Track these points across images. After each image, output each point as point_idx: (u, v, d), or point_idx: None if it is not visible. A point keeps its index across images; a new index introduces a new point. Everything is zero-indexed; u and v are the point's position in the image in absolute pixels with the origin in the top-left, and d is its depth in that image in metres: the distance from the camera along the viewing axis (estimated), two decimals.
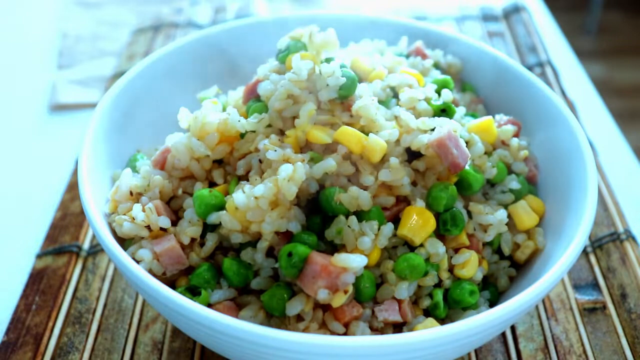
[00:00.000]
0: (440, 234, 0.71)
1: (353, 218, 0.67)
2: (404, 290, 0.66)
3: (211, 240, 0.69)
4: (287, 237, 0.68)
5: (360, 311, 0.65)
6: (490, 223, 0.72)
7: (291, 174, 0.65)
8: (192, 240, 0.70)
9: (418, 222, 0.68)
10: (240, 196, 0.65)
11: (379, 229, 0.67)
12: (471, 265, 0.70)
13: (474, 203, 0.74)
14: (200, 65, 0.94)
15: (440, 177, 0.72)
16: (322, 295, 0.61)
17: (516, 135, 0.82)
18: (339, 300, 0.62)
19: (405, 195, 0.70)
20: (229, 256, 0.69)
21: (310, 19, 0.97)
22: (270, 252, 0.68)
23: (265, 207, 0.65)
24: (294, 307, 0.64)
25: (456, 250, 0.72)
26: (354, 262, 0.61)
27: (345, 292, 0.62)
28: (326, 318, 0.64)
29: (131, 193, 0.72)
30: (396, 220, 0.70)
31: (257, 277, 0.68)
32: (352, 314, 0.64)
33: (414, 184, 0.72)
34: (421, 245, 0.69)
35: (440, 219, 0.70)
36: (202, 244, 0.70)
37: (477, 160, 0.75)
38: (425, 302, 0.69)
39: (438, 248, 0.69)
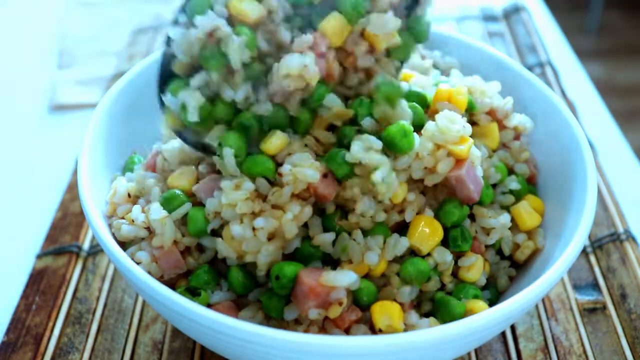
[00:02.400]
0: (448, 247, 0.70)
1: (358, 232, 0.66)
2: (406, 294, 0.66)
3: (210, 250, 0.69)
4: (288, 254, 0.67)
5: (359, 314, 0.65)
6: (493, 227, 0.72)
7: (297, 214, 0.64)
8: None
9: (426, 232, 0.68)
10: (237, 228, 0.63)
11: (384, 242, 0.67)
12: (476, 269, 0.70)
13: (477, 206, 0.74)
14: None
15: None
16: (313, 315, 0.61)
17: (517, 138, 0.82)
18: (334, 312, 0.62)
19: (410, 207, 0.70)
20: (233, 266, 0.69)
21: None
22: None
23: (263, 239, 0.63)
24: (291, 313, 0.64)
25: (458, 254, 0.72)
26: (342, 281, 0.61)
27: (340, 304, 0.62)
28: (326, 325, 0.64)
29: (129, 195, 0.72)
30: (400, 228, 0.70)
31: (259, 287, 0.68)
32: (351, 319, 0.64)
33: (422, 193, 0.71)
34: (428, 254, 0.68)
35: (450, 235, 0.70)
36: (200, 246, 0.70)
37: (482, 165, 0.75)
38: (427, 307, 0.69)
39: (446, 257, 0.68)
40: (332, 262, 0.67)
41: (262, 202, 0.65)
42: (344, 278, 0.61)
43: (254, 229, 0.63)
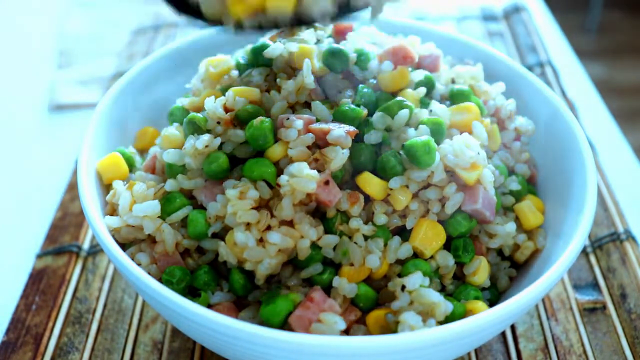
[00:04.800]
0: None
1: (359, 235, 0.66)
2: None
3: (211, 252, 0.69)
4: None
5: (358, 315, 0.65)
6: (498, 233, 0.72)
7: (315, 240, 0.65)
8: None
9: (429, 235, 0.68)
10: (241, 235, 0.63)
11: (385, 245, 0.67)
12: (482, 272, 0.70)
13: None
14: None
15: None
16: None
17: (517, 138, 0.82)
18: None
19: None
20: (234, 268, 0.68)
21: None
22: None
23: (272, 253, 0.63)
24: None
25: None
26: (334, 330, 0.60)
27: None
28: None
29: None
30: (401, 230, 0.70)
31: (259, 288, 0.68)
32: (351, 319, 0.64)
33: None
34: (431, 257, 0.68)
35: (452, 245, 0.70)
36: (200, 247, 0.70)
37: None
38: None
39: (448, 260, 0.68)
40: (333, 265, 0.67)
41: (268, 212, 0.65)
42: (336, 326, 0.60)
43: (261, 239, 0.64)
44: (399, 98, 0.72)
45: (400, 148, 0.69)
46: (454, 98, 0.77)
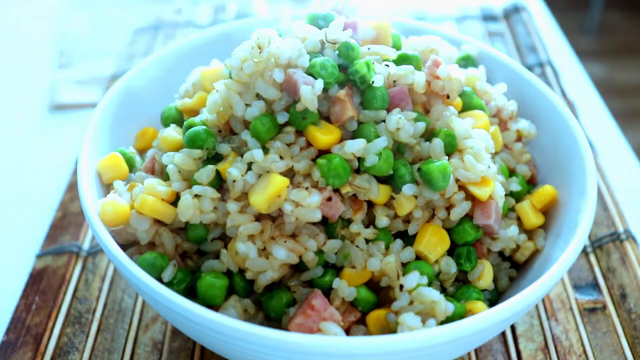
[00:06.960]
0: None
1: (361, 239, 0.66)
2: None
3: (211, 254, 0.69)
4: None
5: (358, 316, 0.65)
6: (500, 236, 0.72)
7: (319, 246, 0.65)
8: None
9: (433, 240, 0.68)
10: (242, 246, 0.63)
11: (386, 248, 0.67)
12: (487, 277, 0.70)
13: None
14: (200, 66, 0.94)
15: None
16: None
17: (518, 139, 0.82)
18: None
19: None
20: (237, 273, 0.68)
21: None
22: None
23: (276, 267, 0.63)
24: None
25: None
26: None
27: None
28: None
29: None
30: (403, 233, 0.70)
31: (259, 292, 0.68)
32: (351, 320, 0.64)
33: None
34: (435, 261, 0.68)
35: (455, 252, 0.70)
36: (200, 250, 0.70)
37: None
38: None
39: (450, 268, 0.68)
40: (335, 267, 0.67)
41: (271, 221, 0.65)
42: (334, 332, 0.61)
43: (264, 249, 0.64)
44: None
45: (412, 164, 0.69)
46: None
